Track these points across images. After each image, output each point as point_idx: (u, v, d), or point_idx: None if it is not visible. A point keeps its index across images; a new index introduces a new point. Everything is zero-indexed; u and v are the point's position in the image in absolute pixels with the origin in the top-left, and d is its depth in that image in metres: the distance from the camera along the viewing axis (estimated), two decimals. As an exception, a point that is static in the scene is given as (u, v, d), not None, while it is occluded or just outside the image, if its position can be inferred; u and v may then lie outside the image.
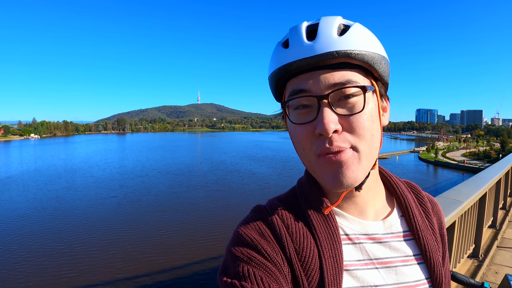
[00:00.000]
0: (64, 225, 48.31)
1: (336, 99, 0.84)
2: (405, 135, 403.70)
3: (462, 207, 3.84)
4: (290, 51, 0.86)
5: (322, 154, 0.85)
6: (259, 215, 0.95)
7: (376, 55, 0.87)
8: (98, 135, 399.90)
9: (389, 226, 0.99)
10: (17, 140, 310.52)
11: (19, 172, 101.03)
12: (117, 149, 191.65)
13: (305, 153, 0.90)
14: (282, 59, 0.87)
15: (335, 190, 0.88)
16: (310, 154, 0.88)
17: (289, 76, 0.89)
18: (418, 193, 1.14)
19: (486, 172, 6.56)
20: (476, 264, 5.48)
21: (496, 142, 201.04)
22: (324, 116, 0.81)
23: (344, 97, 0.84)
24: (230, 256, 0.87)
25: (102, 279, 31.44)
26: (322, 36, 0.84)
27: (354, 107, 0.84)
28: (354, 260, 0.91)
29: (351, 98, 0.84)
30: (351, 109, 0.84)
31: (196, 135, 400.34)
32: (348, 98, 0.84)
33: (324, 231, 0.90)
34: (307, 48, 0.83)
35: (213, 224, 47.57)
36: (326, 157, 0.84)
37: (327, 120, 0.81)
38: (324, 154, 0.85)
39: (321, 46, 0.82)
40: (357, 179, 0.86)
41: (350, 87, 0.83)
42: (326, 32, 0.84)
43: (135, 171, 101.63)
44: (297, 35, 0.87)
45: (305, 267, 0.85)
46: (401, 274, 0.93)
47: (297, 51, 0.85)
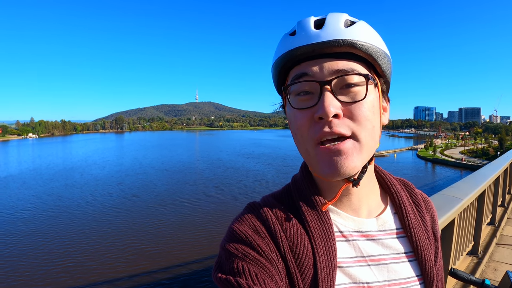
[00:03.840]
0: (64, 220, 48.82)
1: (338, 87, 0.84)
2: (403, 132, 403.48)
3: (461, 204, 3.82)
4: (296, 37, 0.87)
5: (321, 140, 0.85)
6: (253, 212, 0.94)
7: (380, 50, 0.88)
8: (96, 134, 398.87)
9: (382, 224, 0.99)
10: (15, 139, 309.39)
11: (18, 171, 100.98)
12: (115, 148, 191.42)
13: (303, 140, 0.89)
14: (288, 45, 0.88)
15: (330, 178, 0.87)
16: (308, 142, 0.87)
17: (293, 63, 0.89)
18: (412, 191, 1.14)
19: (485, 170, 6.55)
20: (475, 261, 5.48)
21: (494, 140, 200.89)
22: (325, 99, 0.81)
23: (346, 85, 0.85)
24: (224, 253, 0.87)
25: (99, 272, 31.80)
26: (329, 26, 0.85)
27: (356, 95, 0.85)
28: (347, 257, 0.91)
29: (354, 87, 0.84)
30: (353, 97, 0.84)
31: (194, 133, 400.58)
32: (350, 87, 0.84)
33: (318, 228, 0.90)
34: (314, 35, 0.84)
35: (207, 218, 48.34)
36: (325, 147, 0.84)
37: (328, 103, 0.81)
38: (323, 140, 0.84)
39: (327, 34, 0.83)
40: (355, 169, 0.86)
41: (353, 75, 0.84)
42: (333, 23, 0.85)
43: (133, 169, 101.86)
44: (305, 25, 0.88)
45: (299, 264, 0.86)
46: (393, 271, 0.94)
47: (303, 37, 0.85)
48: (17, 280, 30.72)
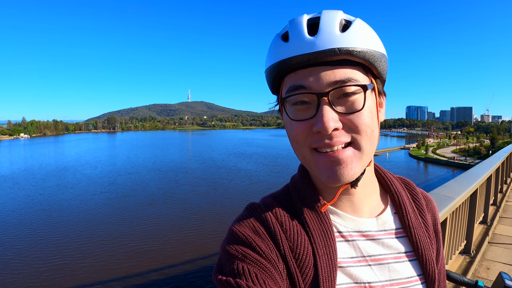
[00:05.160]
0: (56, 220, 48.86)
1: (336, 97, 0.83)
2: (395, 132, 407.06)
3: (454, 203, 3.81)
4: (290, 45, 0.84)
5: (319, 149, 0.85)
6: (253, 213, 0.94)
7: (377, 53, 0.86)
8: (88, 134, 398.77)
9: (382, 223, 0.99)
10: (7, 140, 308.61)
11: (10, 171, 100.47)
12: (108, 147, 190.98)
13: (299, 147, 0.89)
14: (281, 53, 0.85)
15: (330, 185, 0.88)
16: (305, 149, 0.87)
17: (287, 71, 0.87)
18: (412, 190, 1.14)
19: (477, 169, 6.57)
20: (468, 260, 5.48)
21: (486, 139, 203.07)
22: (324, 114, 0.80)
23: (343, 94, 0.83)
24: (225, 254, 0.87)
25: (90, 271, 31.86)
26: (324, 31, 0.82)
27: (353, 105, 0.83)
28: (348, 257, 0.91)
29: (351, 96, 0.83)
30: (350, 107, 0.83)
31: (187, 133, 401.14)
32: (348, 96, 0.83)
33: (318, 228, 0.90)
34: (308, 44, 0.81)
35: (198, 217, 48.55)
36: (324, 154, 0.84)
37: (327, 118, 0.80)
38: (322, 150, 0.84)
39: (323, 42, 0.80)
40: (354, 176, 0.86)
41: (351, 86, 0.82)
42: (328, 28, 0.82)
43: (125, 168, 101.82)
44: (298, 29, 0.85)
45: (299, 264, 0.86)
46: (394, 271, 0.94)
47: (297, 45, 0.82)
48: (9, 279, 30.66)
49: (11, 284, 29.80)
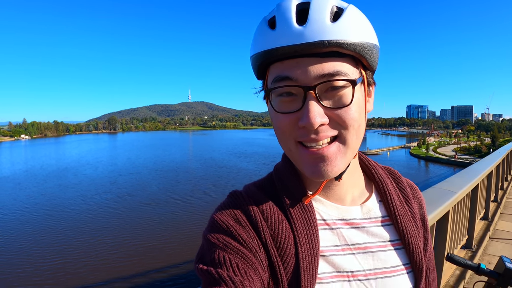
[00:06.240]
0: (58, 219, 49.08)
1: (323, 91, 0.79)
2: (396, 131, 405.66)
3: (455, 197, 3.86)
4: (277, 34, 0.79)
5: (305, 143, 0.82)
6: (234, 201, 0.93)
7: (368, 44, 0.82)
8: (89, 135, 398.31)
9: (367, 211, 0.97)
10: (8, 141, 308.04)
11: (11, 172, 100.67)
12: (108, 148, 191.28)
13: (285, 140, 0.86)
14: (267, 42, 0.81)
15: (313, 180, 0.89)
16: (290, 142, 0.85)
17: (273, 60, 0.83)
18: (397, 178, 1.12)
19: (478, 165, 6.63)
20: (469, 255, 5.54)
21: (486, 137, 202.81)
22: (310, 109, 0.77)
23: (331, 88, 0.79)
24: (206, 243, 0.85)
25: (92, 269, 32.02)
26: (313, 20, 0.76)
27: (341, 99, 0.80)
28: (331, 245, 0.89)
29: (339, 90, 0.79)
30: (338, 101, 0.80)
31: (187, 133, 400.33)
32: (335, 90, 0.79)
33: (300, 216, 0.88)
34: (296, 34, 0.76)
35: (199, 216, 48.77)
36: (309, 150, 0.82)
37: (313, 114, 0.77)
38: (307, 144, 0.82)
39: (312, 33, 0.75)
40: (338, 171, 0.84)
41: (339, 80, 0.78)
42: (318, 16, 0.77)
43: (126, 168, 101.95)
44: (286, 16, 0.80)
45: (280, 253, 0.84)
46: (378, 259, 0.92)
47: (284, 35, 0.78)
48: (12, 277, 30.82)
49: (14, 282, 30.03)
